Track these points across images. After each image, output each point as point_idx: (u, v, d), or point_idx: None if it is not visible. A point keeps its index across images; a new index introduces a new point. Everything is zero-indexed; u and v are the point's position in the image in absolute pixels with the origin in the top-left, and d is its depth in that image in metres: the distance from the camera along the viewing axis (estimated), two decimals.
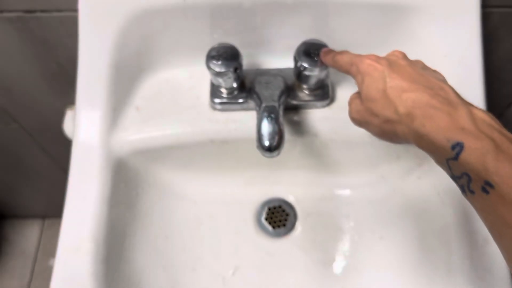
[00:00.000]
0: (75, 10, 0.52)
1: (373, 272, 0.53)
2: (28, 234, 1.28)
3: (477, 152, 0.29)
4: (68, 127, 0.74)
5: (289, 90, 0.49)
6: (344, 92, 0.52)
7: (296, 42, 0.47)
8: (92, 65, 0.49)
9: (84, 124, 0.49)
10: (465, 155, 0.29)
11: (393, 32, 0.49)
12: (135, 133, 0.51)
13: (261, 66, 0.53)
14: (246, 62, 0.51)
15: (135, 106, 0.52)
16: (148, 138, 0.51)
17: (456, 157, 0.29)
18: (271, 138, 0.41)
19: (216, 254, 0.56)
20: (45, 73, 0.66)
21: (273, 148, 0.41)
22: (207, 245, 0.56)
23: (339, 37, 0.50)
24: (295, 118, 0.51)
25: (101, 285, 0.44)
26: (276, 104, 0.44)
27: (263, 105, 0.44)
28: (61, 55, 0.62)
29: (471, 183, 0.29)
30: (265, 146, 0.41)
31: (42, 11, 0.54)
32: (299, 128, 0.51)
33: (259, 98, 0.46)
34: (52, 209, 1.27)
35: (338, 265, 0.54)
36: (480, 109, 0.32)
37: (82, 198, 0.48)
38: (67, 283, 0.44)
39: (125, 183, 0.51)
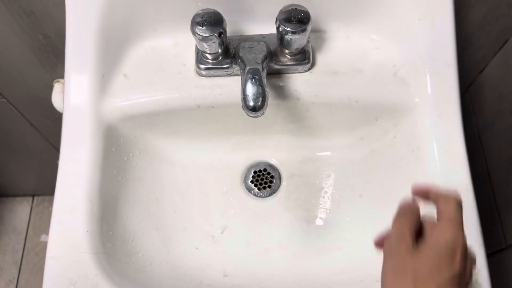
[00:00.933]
0: None
1: (353, 226, 0.56)
2: (18, 212, 1.30)
3: None
4: (56, 100, 0.75)
5: (272, 55, 0.51)
6: (324, 56, 0.54)
7: (277, 8, 0.49)
8: (80, 31, 0.51)
9: (74, 90, 0.51)
10: None
11: None
12: (124, 99, 0.53)
13: (244, 33, 0.55)
14: (229, 29, 0.53)
15: (123, 73, 0.54)
16: (137, 104, 0.53)
17: None
18: (255, 99, 0.44)
19: (205, 215, 0.59)
20: (32, 46, 0.66)
21: (258, 108, 0.44)
22: (197, 207, 0.59)
23: (318, 4, 0.52)
24: (278, 82, 0.53)
25: (96, 242, 0.47)
26: (259, 67, 0.46)
27: (247, 68, 0.46)
28: (48, 27, 0.62)
29: None
30: (250, 106, 0.44)
31: None
32: (281, 92, 0.53)
33: (243, 61, 0.48)
34: (41, 186, 1.29)
35: (320, 221, 0.58)
36: None
37: (75, 161, 0.50)
38: (64, 241, 0.46)
39: (116, 148, 0.54)
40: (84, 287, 0.44)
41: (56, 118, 0.87)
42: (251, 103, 0.44)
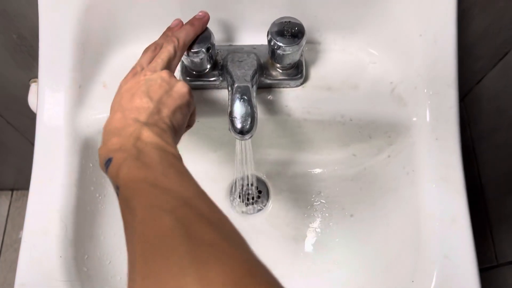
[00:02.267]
0: None
1: (342, 248, 0.54)
2: None
3: (117, 162, 0.31)
4: (32, 101, 0.71)
5: (263, 69, 0.48)
6: (318, 70, 0.51)
7: (270, 17, 0.46)
8: (54, 40, 0.47)
9: (48, 103, 0.47)
10: (110, 167, 0.32)
11: (369, 11, 0.48)
12: (103, 111, 0.49)
13: (234, 41, 0.51)
14: (218, 37, 0.49)
15: (102, 82, 0.50)
16: None
17: (106, 171, 0.32)
18: (243, 121, 0.41)
19: None
20: (6, 45, 0.62)
21: (245, 131, 0.41)
22: None
23: (313, 15, 0.48)
24: (268, 97, 0.50)
25: (70, 268, 0.44)
26: (249, 85, 0.43)
27: (236, 85, 0.43)
28: (22, 26, 0.58)
29: (115, 189, 0.31)
30: (237, 129, 0.41)
31: None
32: (272, 107, 0.50)
33: (231, 77, 0.45)
34: (21, 181, 1.24)
35: (309, 241, 0.55)
36: (158, 129, 0.34)
37: (48, 180, 0.46)
38: (35, 266, 0.43)
39: (94, 163, 0.50)
40: None
41: (33, 115, 0.83)
42: (239, 125, 0.41)
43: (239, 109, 0.41)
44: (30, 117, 0.83)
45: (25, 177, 1.32)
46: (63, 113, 0.47)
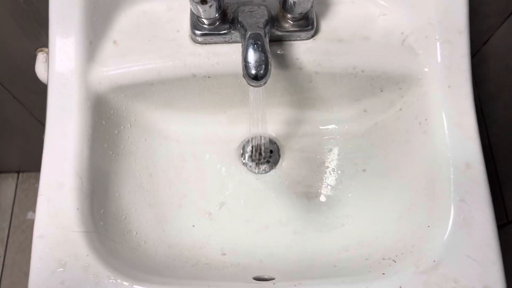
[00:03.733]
0: None
1: (355, 202, 0.54)
2: (3, 189, 1.26)
3: None
4: (40, 70, 0.71)
5: (273, 20, 0.48)
6: (329, 23, 0.51)
7: None
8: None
9: (59, 58, 0.47)
10: None
11: None
12: (114, 68, 0.49)
13: None
14: None
15: (113, 40, 0.50)
16: (128, 73, 0.50)
17: None
18: (257, 66, 0.41)
19: (202, 192, 0.56)
20: (13, 11, 0.62)
21: (260, 76, 0.41)
22: (193, 183, 0.56)
23: None
24: (279, 51, 0.50)
25: (87, 221, 0.44)
26: (261, 32, 0.43)
27: (248, 32, 0.43)
28: None
29: None
30: (251, 74, 0.41)
31: None
32: (283, 61, 0.50)
33: (243, 26, 0.44)
34: (27, 163, 1.24)
35: (322, 198, 0.56)
36: None
37: (62, 134, 0.46)
38: (52, 220, 0.43)
39: (106, 120, 0.50)
40: (74, 268, 0.41)
41: (41, 90, 0.82)
42: (253, 71, 0.41)
43: (253, 55, 0.41)
44: (37, 92, 0.83)
45: (32, 158, 1.33)
46: (74, 69, 0.47)
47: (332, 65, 0.50)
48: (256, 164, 0.58)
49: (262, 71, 0.41)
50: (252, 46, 0.41)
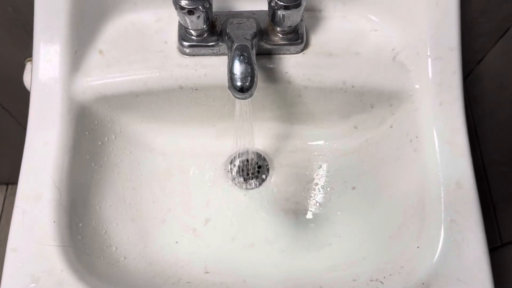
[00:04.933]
0: None
1: (344, 221, 0.52)
2: None
3: None
4: (28, 80, 0.70)
5: (262, 33, 0.47)
6: (318, 37, 0.50)
7: None
8: (50, 4, 0.46)
9: (43, 67, 0.46)
10: None
11: None
12: (99, 78, 0.48)
13: (232, 9, 0.50)
14: (216, 5, 0.48)
15: (99, 49, 0.49)
16: (113, 84, 0.48)
17: None
18: (243, 78, 0.40)
19: (187, 207, 0.54)
20: (1, 20, 0.61)
21: (246, 88, 0.40)
22: (178, 197, 0.55)
23: None
24: (268, 64, 0.49)
25: (64, 235, 0.42)
26: (248, 44, 0.42)
27: (235, 44, 0.42)
28: (20, 3, 0.57)
29: None
30: (237, 86, 0.40)
31: None
32: (272, 74, 0.49)
33: (230, 38, 0.44)
34: (16, 174, 1.23)
35: (310, 215, 0.54)
36: None
37: (42, 144, 0.45)
38: (27, 232, 0.41)
39: (89, 131, 0.49)
40: (48, 284, 0.40)
41: (29, 100, 0.81)
42: (239, 83, 0.40)
43: (238, 66, 0.40)
44: (26, 102, 0.82)
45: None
46: (58, 77, 0.46)
47: (322, 80, 0.49)
48: (244, 179, 0.56)
49: (247, 83, 0.40)
50: (238, 58, 0.40)
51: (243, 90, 0.40)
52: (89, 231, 0.46)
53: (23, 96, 0.80)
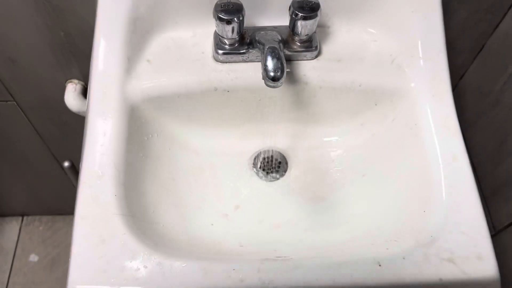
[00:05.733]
0: None
1: (357, 203, 0.60)
2: (7, 231, 1.28)
3: None
4: (69, 99, 0.79)
5: (284, 42, 0.57)
6: (329, 47, 0.60)
7: (288, 4, 0.55)
8: (111, 17, 0.56)
9: (102, 70, 0.55)
10: None
11: None
12: (147, 82, 0.57)
13: (257, 25, 0.61)
14: (244, 22, 0.59)
15: (147, 59, 0.59)
16: (158, 86, 0.57)
17: None
18: (275, 70, 0.49)
19: (218, 196, 0.62)
20: (52, 43, 0.70)
21: (277, 78, 0.49)
22: (210, 189, 0.62)
23: (323, 1, 0.59)
24: (288, 69, 0.59)
25: (123, 206, 0.49)
26: (277, 45, 0.52)
27: (267, 45, 0.52)
28: (71, 24, 0.67)
29: None
30: (270, 76, 0.49)
31: None
32: (291, 77, 0.59)
33: (261, 43, 0.53)
34: (32, 206, 1.27)
35: (327, 201, 0.62)
36: None
37: (102, 133, 0.53)
38: (93, 203, 0.48)
39: (138, 128, 0.57)
40: (113, 244, 0.46)
41: (62, 123, 0.90)
42: (272, 74, 0.49)
43: (271, 61, 0.50)
44: (58, 125, 0.90)
45: (37, 202, 1.36)
46: (114, 80, 0.55)
47: (334, 80, 0.59)
48: (266, 173, 0.64)
49: (279, 73, 0.49)
50: (270, 54, 0.50)
51: (275, 79, 0.49)
52: (141, 209, 0.53)
53: (57, 119, 0.88)
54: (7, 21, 0.65)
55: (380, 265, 0.46)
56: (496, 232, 0.73)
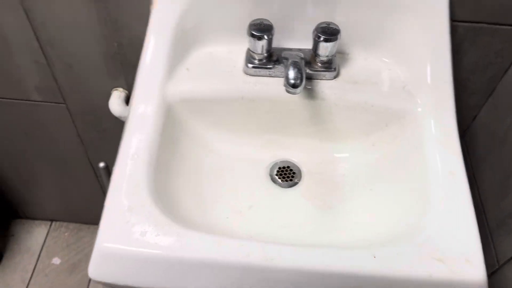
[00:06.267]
0: None
1: (363, 213, 0.65)
2: (35, 234, 1.36)
3: None
4: (113, 105, 0.88)
5: (306, 62, 0.65)
6: (346, 70, 0.68)
7: (310, 30, 0.64)
8: (160, 30, 0.65)
9: (146, 73, 0.64)
10: None
11: (384, 30, 0.66)
12: (185, 86, 0.66)
13: (284, 46, 0.69)
14: (273, 43, 0.67)
15: (186, 67, 0.67)
16: (193, 91, 0.66)
17: None
18: (295, 78, 0.57)
19: (235, 195, 0.68)
20: (105, 52, 0.81)
21: (296, 85, 0.56)
22: (228, 187, 0.68)
23: (343, 30, 0.67)
24: (309, 86, 0.66)
25: (151, 184, 0.56)
26: (299, 61, 0.60)
27: (290, 60, 0.60)
28: (124, 36, 0.77)
29: None
30: (290, 83, 0.56)
31: None
32: (311, 93, 0.66)
33: (286, 58, 0.62)
34: (60, 213, 1.35)
35: (335, 209, 0.67)
36: None
37: (141, 126, 0.61)
38: (126, 179, 0.55)
39: (171, 125, 0.65)
40: (140, 213, 0.53)
41: (102, 130, 0.99)
42: (292, 81, 0.56)
43: (292, 71, 0.57)
44: (99, 130, 0.99)
45: (66, 209, 1.44)
46: (156, 83, 0.64)
47: (348, 99, 0.66)
48: (281, 180, 0.70)
49: (298, 81, 0.56)
50: (292, 66, 0.58)
51: (294, 86, 0.56)
52: (166, 191, 0.59)
53: (98, 124, 0.97)
54: (71, 29, 0.76)
55: (375, 257, 0.50)
56: (499, 265, 0.75)
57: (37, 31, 0.78)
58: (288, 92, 0.57)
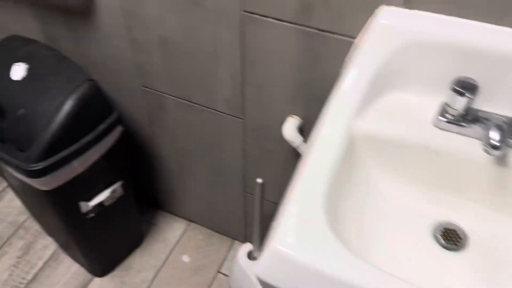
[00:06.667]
0: (353, 37, 0.75)
1: None
2: (174, 228, 1.48)
3: None
4: (286, 129, 0.94)
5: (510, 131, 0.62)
6: None
7: None
8: (360, 71, 0.69)
9: (339, 100, 0.68)
10: None
11: None
12: (370, 125, 0.68)
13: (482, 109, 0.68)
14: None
15: (375, 108, 0.70)
16: (377, 130, 0.68)
17: None
18: (498, 140, 0.55)
19: (393, 242, 0.67)
20: (295, 81, 0.88)
21: (498, 147, 0.55)
22: (389, 232, 0.68)
23: None
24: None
25: (325, 199, 0.58)
26: (503, 124, 0.58)
27: (492, 121, 0.58)
28: (319, 69, 0.83)
29: None
30: (491, 143, 0.55)
31: (330, 32, 0.78)
32: (504, 161, 0.63)
33: (487, 119, 0.60)
34: (200, 216, 1.46)
35: (493, 282, 0.61)
36: None
37: (326, 146, 0.64)
38: (305, 190, 0.59)
39: (350, 156, 0.67)
40: (310, 226, 0.55)
41: (267, 150, 1.06)
42: (493, 142, 0.55)
43: (496, 132, 0.56)
44: (262, 152, 1.06)
45: (204, 215, 1.55)
46: (345, 116, 0.67)
47: None
48: (445, 242, 0.67)
49: (500, 144, 0.55)
50: (497, 127, 0.56)
51: (495, 147, 0.55)
52: (334, 211, 0.61)
53: (267, 145, 1.04)
54: (274, 55, 0.85)
55: None
56: None
57: (244, 52, 0.88)
58: (485, 151, 0.56)
